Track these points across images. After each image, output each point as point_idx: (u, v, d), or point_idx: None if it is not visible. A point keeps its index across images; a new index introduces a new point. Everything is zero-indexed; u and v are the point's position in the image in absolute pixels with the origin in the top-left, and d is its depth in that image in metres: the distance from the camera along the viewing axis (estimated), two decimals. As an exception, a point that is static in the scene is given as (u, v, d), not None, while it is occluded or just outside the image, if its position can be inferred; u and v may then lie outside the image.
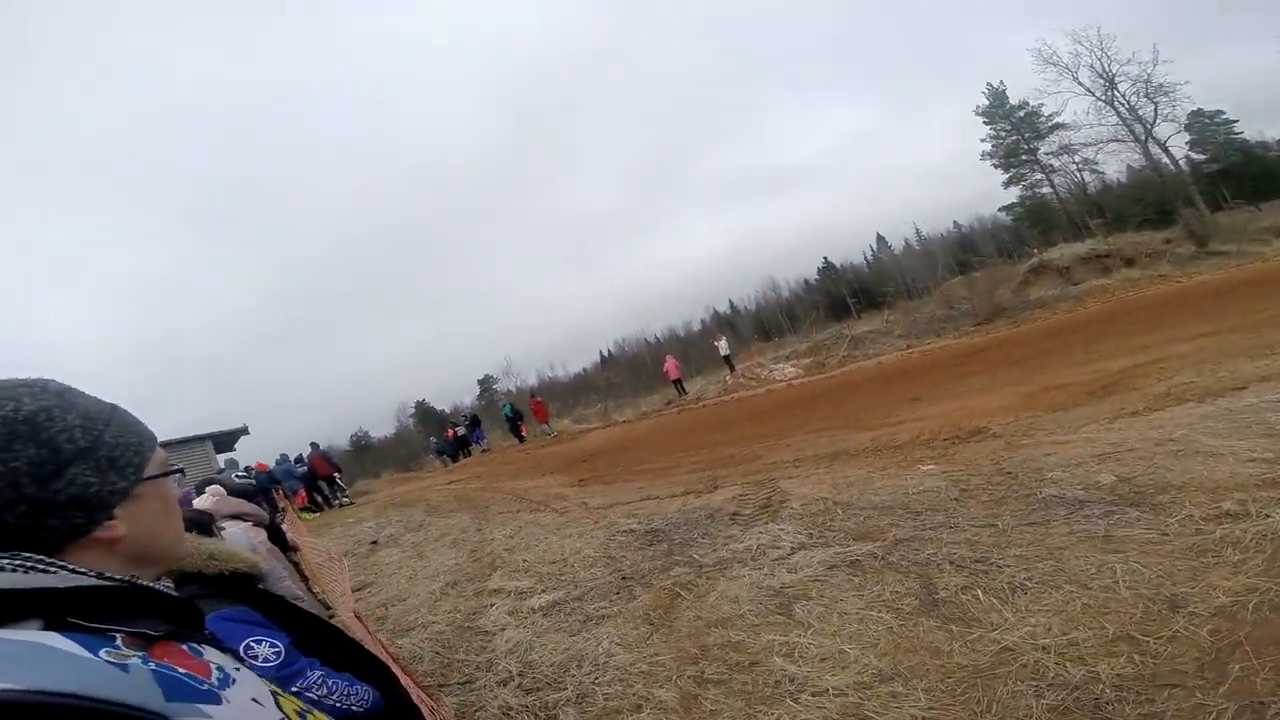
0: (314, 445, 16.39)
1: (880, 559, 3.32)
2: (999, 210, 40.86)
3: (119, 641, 0.58)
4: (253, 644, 1.60)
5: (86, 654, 0.54)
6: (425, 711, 1.90)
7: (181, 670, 0.59)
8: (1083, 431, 4.53)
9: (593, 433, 18.28)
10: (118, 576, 0.63)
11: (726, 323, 57.53)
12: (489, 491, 10.11)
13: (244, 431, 20.12)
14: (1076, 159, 30.62)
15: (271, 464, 15.37)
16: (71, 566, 0.60)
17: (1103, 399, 5.49)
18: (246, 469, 14.38)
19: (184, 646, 0.63)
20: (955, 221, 58.23)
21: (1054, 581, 2.58)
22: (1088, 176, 32.24)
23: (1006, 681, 2.09)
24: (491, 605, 4.32)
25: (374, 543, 8.22)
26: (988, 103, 34.82)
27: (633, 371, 48.35)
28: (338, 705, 1.65)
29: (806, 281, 62.46)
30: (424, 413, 49.29)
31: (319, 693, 1.64)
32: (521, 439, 21.31)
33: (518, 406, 23.88)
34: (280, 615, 1.77)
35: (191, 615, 0.70)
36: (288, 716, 0.68)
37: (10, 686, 0.47)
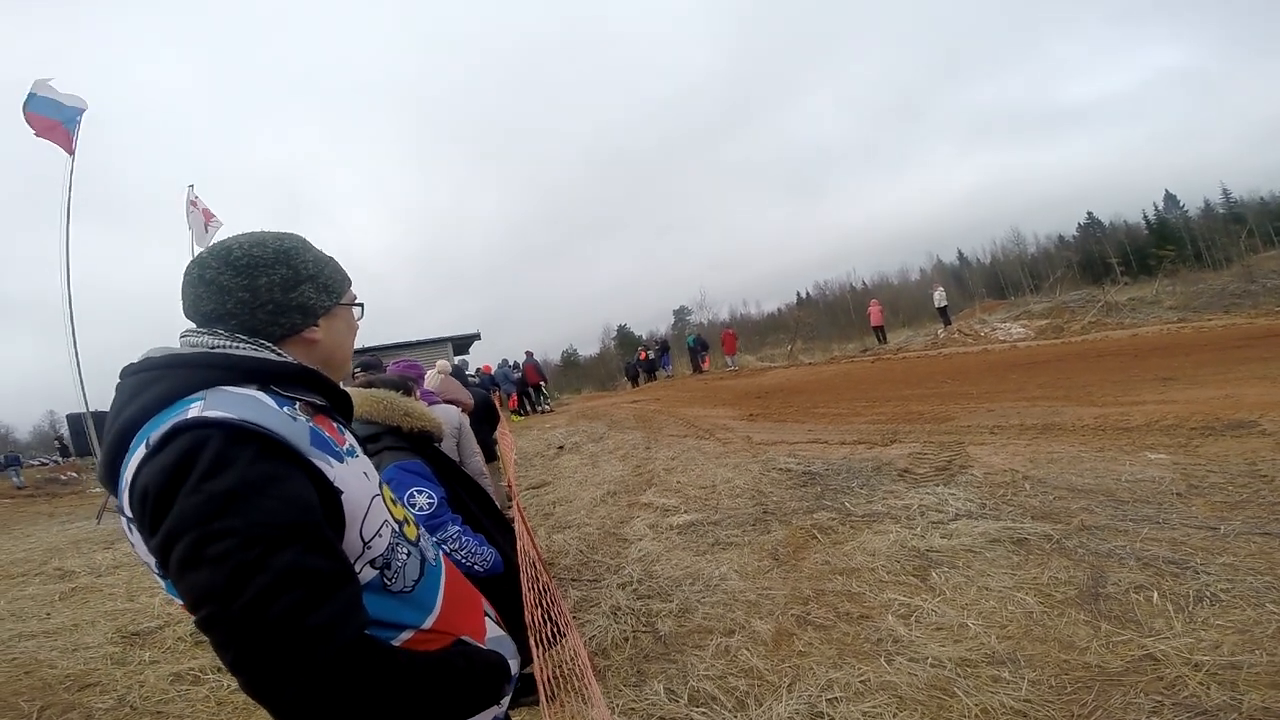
0: (529, 354, 18.61)
1: (1054, 542, 2.90)
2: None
3: (297, 405, 0.86)
4: (415, 493, 1.93)
5: (276, 407, 0.81)
6: (548, 595, 2.16)
7: (327, 434, 0.87)
8: None
9: (774, 371, 17.98)
10: (307, 365, 0.92)
11: (951, 274, 51.37)
12: (664, 414, 10.67)
13: (477, 337, 23.51)
14: None
15: (494, 367, 17.94)
16: (281, 352, 0.91)
17: None
18: (476, 371, 17.00)
19: (333, 422, 0.93)
20: (1290, 184, 44.45)
21: (1257, 599, 2.09)
22: None
23: (1129, 691, 1.77)
24: (638, 517, 4.67)
25: (560, 447, 9.27)
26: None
27: (830, 315, 45.76)
28: (463, 562, 1.96)
29: (1061, 238, 54.08)
30: (624, 336, 52.55)
31: (452, 546, 1.96)
32: (700, 370, 21.81)
33: (703, 338, 24.34)
34: (443, 472, 2.14)
35: (345, 403, 0.98)
36: (385, 499, 0.93)
37: (227, 415, 0.75)
